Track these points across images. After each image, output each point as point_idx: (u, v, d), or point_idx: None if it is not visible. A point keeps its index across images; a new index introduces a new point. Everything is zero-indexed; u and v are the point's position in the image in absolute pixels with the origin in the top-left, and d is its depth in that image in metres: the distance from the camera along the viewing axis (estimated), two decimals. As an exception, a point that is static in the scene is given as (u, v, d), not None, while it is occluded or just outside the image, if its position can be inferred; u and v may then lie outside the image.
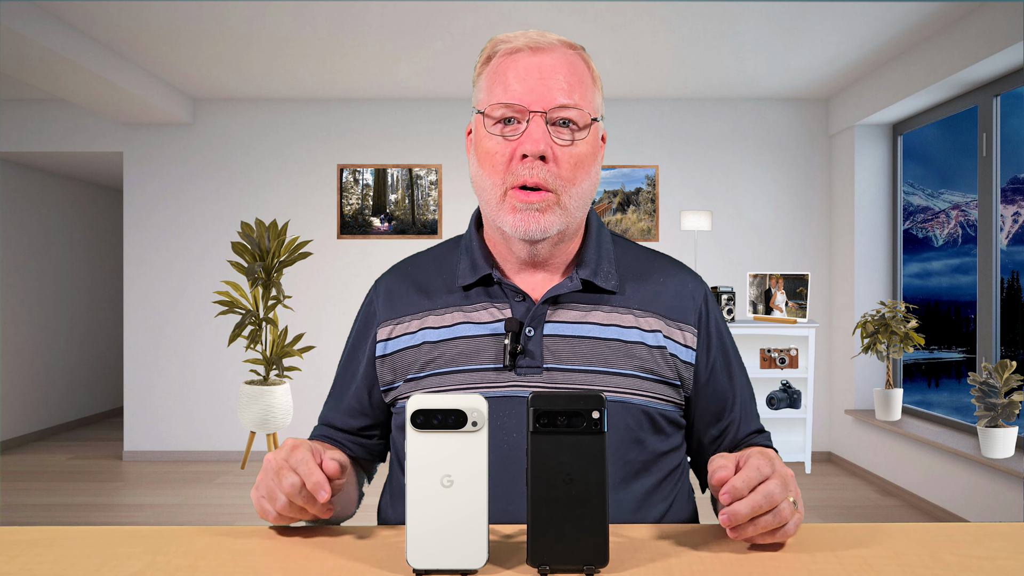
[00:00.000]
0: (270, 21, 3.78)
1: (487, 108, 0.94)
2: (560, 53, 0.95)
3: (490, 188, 0.95)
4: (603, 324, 0.97)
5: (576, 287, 0.98)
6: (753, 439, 1.04)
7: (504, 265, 1.01)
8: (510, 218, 0.94)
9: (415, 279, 1.05)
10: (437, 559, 0.66)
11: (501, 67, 0.95)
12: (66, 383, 6.34)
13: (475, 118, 0.98)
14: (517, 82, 0.93)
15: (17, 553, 0.73)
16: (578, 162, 0.94)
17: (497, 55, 0.96)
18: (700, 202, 5.24)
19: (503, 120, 0.93)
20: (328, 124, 5.28)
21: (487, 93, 0.96)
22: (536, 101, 0.92)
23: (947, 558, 0.72)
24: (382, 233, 5.25)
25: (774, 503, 0.73)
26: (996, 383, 3.39)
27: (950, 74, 3.77)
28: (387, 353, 1.01)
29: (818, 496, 4.27)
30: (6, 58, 3.78)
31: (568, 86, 0.93)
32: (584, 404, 0.67)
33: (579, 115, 0.93)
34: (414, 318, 1.01)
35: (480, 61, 0.99)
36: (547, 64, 0.93)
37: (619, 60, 4.40)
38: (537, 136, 0.91)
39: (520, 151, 0.92)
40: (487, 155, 0.95)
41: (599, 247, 1.02)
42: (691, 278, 1.05)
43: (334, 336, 5.15)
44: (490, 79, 0.96)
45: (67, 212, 6.43)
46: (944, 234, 4.67)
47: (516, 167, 0.93)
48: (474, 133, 0.99)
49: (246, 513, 3.97)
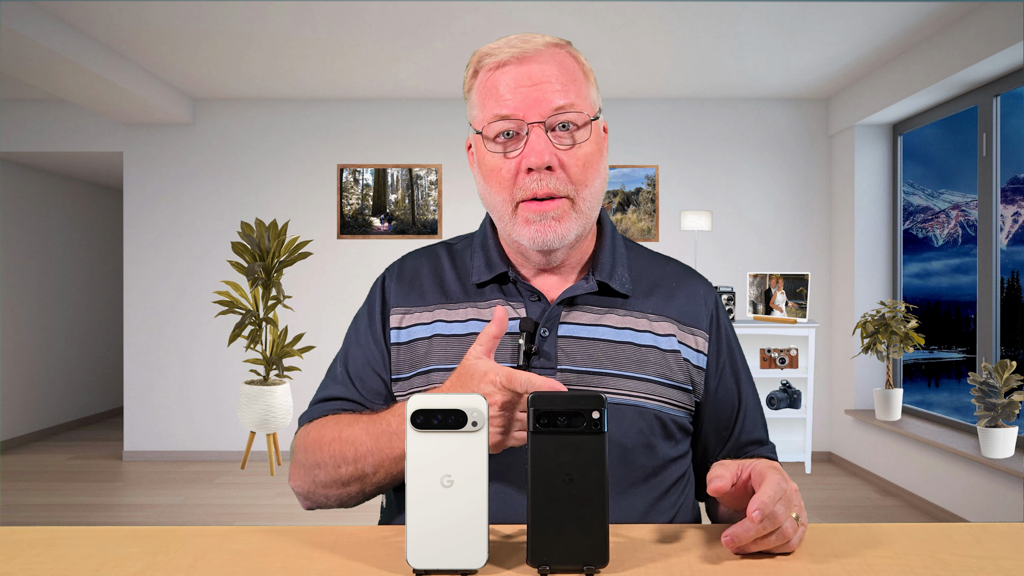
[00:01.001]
0: (270, 21, 3.78)
1: (484, 127, 0.93)
2: (548, 56, 0.93)
3: (500, 204, 0.94)
4: (617, 327, 0.96)
5: (592, 289, 0.97)
6: (756, 450, 1.03)
7: (519, 266, 1.01)
8: (526, 231, 0.93)
9: (429, 270, 1.04)
10: (437, 559, 0.66)
11: (491, 81, 0.93)
12: (66, 383, 6.34)
13: (473, 136, 0.97)
14: (510, 94, 0.91)
15: (17, 553, 0.73)
16: (586, 163, 0.93)
17: (484, 69, 0.95)
18: (700, 202, 5.24)
19: (503, 133, 0.92)
20: (328, 124, 5.28)
21: (480, 110, 0.94)
22: (532, 111, 0.90)
23: (947, 558, 0.72)
24: (382, 233, 5.25)
25: (777, 524, 0.72)
26: (996, 383, 3.39)
27: (950, 74, 3.77)
28: (400, 341, 0.99)
29: (818, 496, 4.27)
30: (6, 58, 3.78)
31: (562, 87, 0.91)
32: (584, 404, 0.67)
33: (577, 116, 0.92)
34: (426, 310, 1.00)
35: (467, 76, 0.98)
36: (537, 71, 0.92)
37: (619, 60, 4.40)
38: (540, 148, 0.90)
39: (525, 165, 0.91)
40: (492, 172, 0.94)
41: (614, 250, 1.02)
42: (702, 283, 1.05)
43: (334, 336, 5.15)
44: (481, 94, 0.94)
45: (67, 212, 6.43)
46: (944, 234, 4.67)
47: (523, 181, 0.92)
48: (475, 150, 0.98)
49: (246, 513, 3.97)
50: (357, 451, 0.88)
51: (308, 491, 0.96)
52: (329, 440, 0.92)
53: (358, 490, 0.92)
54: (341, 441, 0.90)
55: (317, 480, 0.94)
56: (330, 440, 0.92)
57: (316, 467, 0.93)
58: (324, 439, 0.93)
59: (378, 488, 0.92)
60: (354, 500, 0.94)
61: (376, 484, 0.90)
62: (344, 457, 0.90)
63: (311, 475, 0.94)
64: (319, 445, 0.93)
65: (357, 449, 0.89)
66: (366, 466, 0.88)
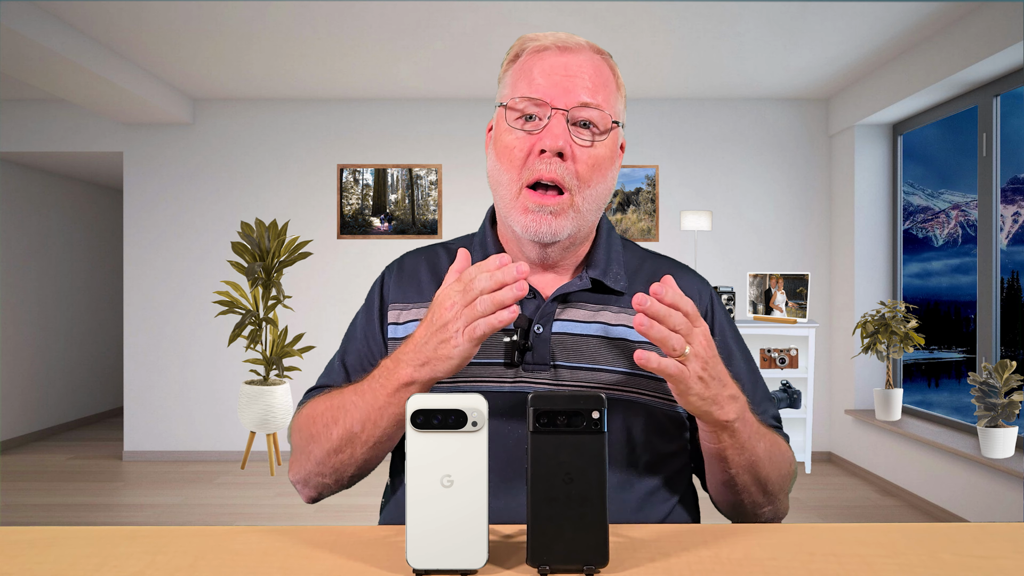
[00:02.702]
0: (270, 21, 3.78)
1: (510, 101, 0.95)
2: (587, 55, 0.95)
3: (506, 183, 0.95)
4: (611, 324, 0.97)
5: (585, 286, 0.98)
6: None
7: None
8: (522, 218, 0.94)
9: (428, 268, 1.06)
10: (437, 559, 0.66)
11: (528, 64, 0.95)
12: (66, 383, 6.34)
13: (497, 112, 0.98)
14: (542, 77, 0.93)
15: (17, 553, 0.73)
16: (595, 164, 0.94)
17: (525, 52, 0.97)
18: (700, 202, 5.24)
19: (525, 116, 0.94)
20: (328, 124, 5.28)
21: (511, 88, 0.96)
22: (559, 97, 0.92)
23: (947, 558, 0.72)
24: (382, 233, 5.25)
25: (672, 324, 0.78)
26: (996, 383, 3.39)
27: (950, 74, 3.77)
28: (398, 336, 1.01)
29: (818, 496, 4.27)
30: (6, 58, 3.78)
31: (593, 86, 0.93)
32: (584, 404, 0.67)
33: (600, 117, 0.93)
34: (423, 306, 1.01)
35: (507, 59, 1.00)
36: (574, 63, 0.94)
37: (619, 60, 4.40)
38: (557, 132, 0.91)
39: (539, 146, 0.92)
40: (506, 149, 0.95)
41: (609, 249, 1.03)
42: (697, 279, 1.07)
43: (334, 336, 5.15)
44: (516, 75, 0.96)
45: (67, 212, 6.43)
46: (944, 234, 4.67)
47: (534, 162, 0.93)
48: (495, 127, 0.99)
49: (246, 513, 3.97)
50: (346, 411, 0.90)
51: (306, 474, 0.96)
52: (321, 411, 0.94)
53: (349, 456, 0.91)
54: (332, 408, 0.92)
55: (312, 456, 0.94)
56: (321, 411, 0.93)
57: (310, 440, 0.94)
58: (316, 411, 0.95)
59: (369, 449, 0.90)
60: (349, 470, 0.93)
61: (365, 443, 0.89)
62: (334, 419, 0.91)
63: (306, 453, 0.95)
64: (311, 418, 0.95)
65: (346, 409, 0.90)
66: (353, 423, 0.89)
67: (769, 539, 0.77)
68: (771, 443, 0.95)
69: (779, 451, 0.97)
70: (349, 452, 0.91)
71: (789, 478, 1.00)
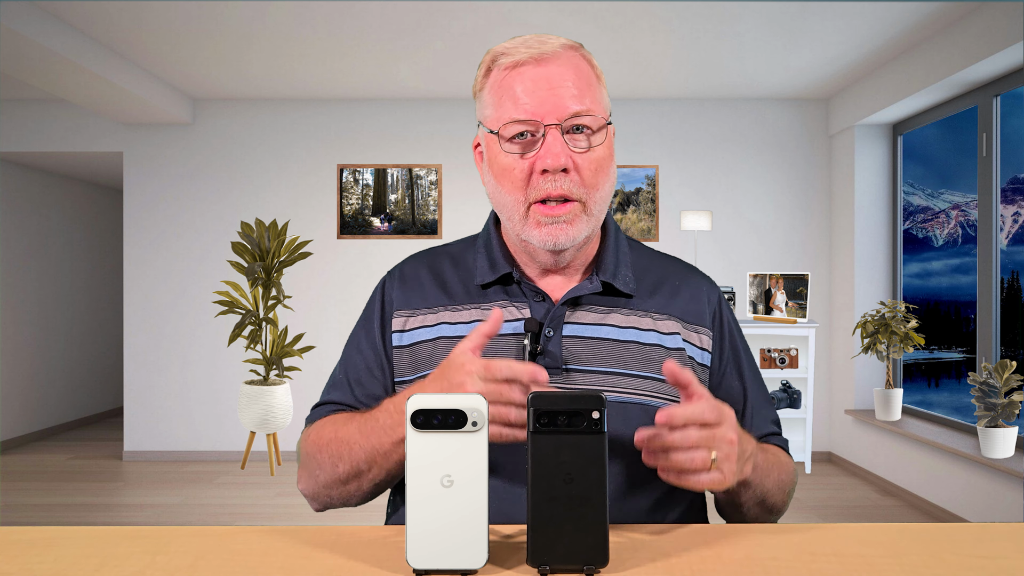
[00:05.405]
0: (270, 21, 3.78)
1: (500, 128, 0.93)
2: (564, 58, 0.93)
3: (512, 205, 0.94)
4: (621, 327, 0.97)
5: (596, 289, 0.98)
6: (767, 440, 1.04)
7: (524, 266, 1.01)
8: (536, 232, 0.93)
9: (432, 272, 1.04)
10: (437, 559, 0.66)
11: (507, 81, 0.93)
12: (66, 383, 6.34)
13: (485, 135, 0.97)
14: (527, 96, 0.91)
15: (17, 553, 0.73)
16: (598, 167, 0.93)
17: (498, 68, 0.94)
18: (700, 202, 5.24)
19: (519, 135, 0.92)
20: (328, 124, 5.28)
21: (495, 109, 0.94)
22: (549, 113, 0.91)
23: (947, 558, 0.72)
24: (382, 233, 5.25)
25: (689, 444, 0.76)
26: (996, 383, 3.39)
27: (950, 74, 3.77)
28: (403, 344, 1.00)
29: (818, 496, 4.27)
30: (6, 58, 3.78)
31: (579, 92, 0.92)
32: (584, 404, 0.67)
33: (593, 120, 0.93)
34: (430, 312, 1.00)
35: (480, 74, 0.97)
36: (554, 73, 0.92)
37: (619, 60, 4.40)
38: (557, 150, 0.90)
39: (540, 166, 0.91)
40: (505, 172, 0.93)
41: (617, 251, 1.02)
42: (705, 281, 1.06)
43: (334, 336, 5.15)
44: (496, 93, 0.94)
45: (67, 212, 6.43)
46: (944, 234, 4.67)
47: (537, 182, 0.92)
48: (486, 150, 0.98)
49: (246, 513, 3.97)
50: (351, 449, 0.90)
51: (313, 492, 0.98)
52: (326, 441, 0.94)
53: (356, 488, 0.93)
54: (337, 441, 0.92)
55: (319, 481, 0.95)
56: (327, 441, 0.94)
57: (317, 468, 0.95)
58: (322, 440, 0.95)
59: (375, 485, 0.93)
60: (355, 499, 0.96)
61: (372, 480, 0.91)
62: (340, 456, 0.91)
63: (314, 477, 0.96)
64: (318, 446, 0.95)
65: (351, 447, 0.90)
66: (360, 463, 0.90)
67: (770, 539, 0.77)
68: (778, 471, 0.96)
69: (785, 473, 0.98)
70: (356, 485, 0.93)
71: (791, 488, 1.01)
